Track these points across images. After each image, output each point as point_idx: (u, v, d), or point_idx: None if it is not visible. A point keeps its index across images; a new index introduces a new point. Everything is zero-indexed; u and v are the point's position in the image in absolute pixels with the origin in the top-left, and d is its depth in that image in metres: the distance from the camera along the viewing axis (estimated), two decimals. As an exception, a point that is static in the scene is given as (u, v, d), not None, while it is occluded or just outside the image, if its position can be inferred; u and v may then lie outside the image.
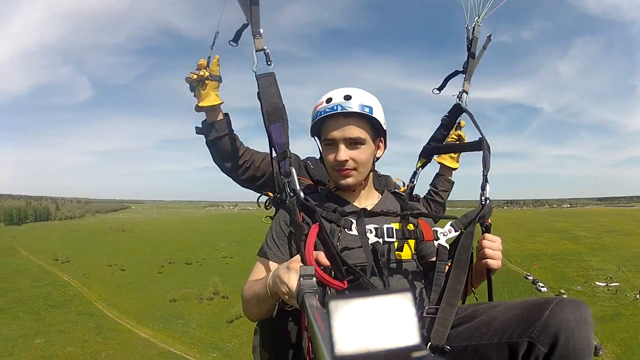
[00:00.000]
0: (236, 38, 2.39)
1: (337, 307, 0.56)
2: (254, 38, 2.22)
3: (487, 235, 2.07)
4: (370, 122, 2.06)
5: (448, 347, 1.72)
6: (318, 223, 1.80)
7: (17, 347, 66.69)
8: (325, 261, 1.72)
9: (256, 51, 2.21)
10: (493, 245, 2.03)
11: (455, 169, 3.16)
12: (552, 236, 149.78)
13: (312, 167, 2.74)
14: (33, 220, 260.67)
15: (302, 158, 2.83)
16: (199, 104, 2.36)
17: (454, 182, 3.15)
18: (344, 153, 2.03)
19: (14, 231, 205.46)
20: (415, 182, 2.80)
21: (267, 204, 2.41)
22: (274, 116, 2.15)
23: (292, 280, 1.55)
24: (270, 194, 2.43)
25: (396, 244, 2.03)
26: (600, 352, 55.90)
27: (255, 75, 2.19)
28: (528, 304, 1.70)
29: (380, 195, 2.29)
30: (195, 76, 2.29)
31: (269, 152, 2.29)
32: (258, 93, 2.18)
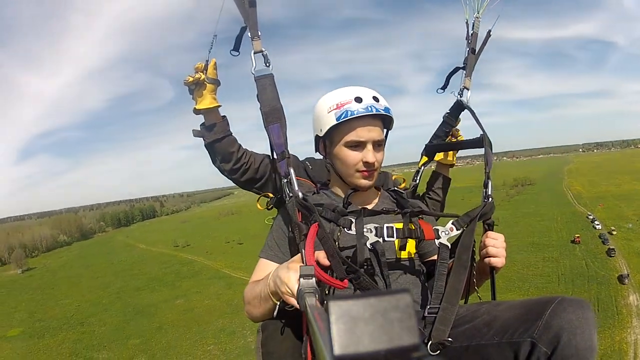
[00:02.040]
0: (237, 46, 2.47)
1: (336, 307, 0.58)
2: (252, 40, 2.33)
3: (489, 233, 2.17)
4: (385, 125, 2.25)
5: (450, 339, 1.79)
6: (317, 222, 1.86)
7: (160, 308, 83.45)
8: (325, 261, 1.79)
9: (254, 53, 2.32)
10: (496, 243, 2.11)
11: (452, 165, 3.16)
12: (626, 177, 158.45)
13: (310, 167, 2.82)
14: (140, 220, 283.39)
15: (301, 159, 2.94)
16: (196, 107, 2.41)
17: (450, 179, 3.14)
18: (372, 155, 2.15)
19: (125, 232, 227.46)
20: (418, 181, 2.97)
21: (268, 205, 2.51)
22: (272, 117, 2.26)
23: (292, 280, 1.61)
24: (271, 195, 2.55)
25: (397, 243, 2.11)
26: (626, 281, 61.72)
27: (254, 78, 2.30)
28: (530, 302, 1.76)
29: (379, 193, 2.42)
30: (191, 79, 2.31)
31: (267, 153, 2.49)
32: (257, 95, 2.30)
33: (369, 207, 2.27)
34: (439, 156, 3.11)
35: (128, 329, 75.59)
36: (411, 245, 2.15)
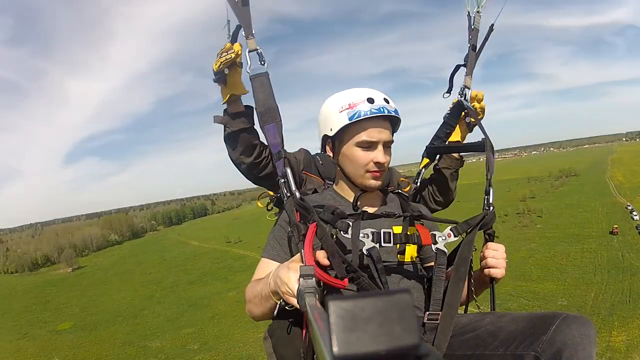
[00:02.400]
0: (233, 41, 2.37)
1: (336, 307, 0.58)
2: (246, 39, 2.29)
3: (490, 244, 2.17)
4: (392, 126, 2.26)
5: (444, 352, 1.85)
6: (316, 222, 1.87)
7: (213, 300, 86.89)
8: (325, 261, 1.80)
9: (249, 51, 2.28)
10: (496, 255, 2.12)
11: (462, 163, 3.03)
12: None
13: (321, 163, 2.78)
14: (192, 218, 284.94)
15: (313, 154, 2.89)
16: (234, 92, 2.32)
17: (462, 159, 2.95)
18: (383, 155, 2.17)
19: (177, 230, 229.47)
20: (418, 183, 2.87)
21: (268, 205, 2.52)
22: (268, 117, 2.26)
23: (292, 280, 1.62)
24: (271, 193, 2.55)
25: (398, 247, 2.11)
26: None
27: (250, 76, 2.27)
28: (535, 317, 1.79)
29: (383, 196, 2.40)
30: (232, 55, 2.18)
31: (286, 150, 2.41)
32: (253, 94, 2.29)
33: (374, 209, 2.26)
34: (453, 136, 2.96)
35: (181, 320, 76.10)
36: (412, 249, 2.12)
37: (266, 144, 2.47)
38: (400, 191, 2.47)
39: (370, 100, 2.11)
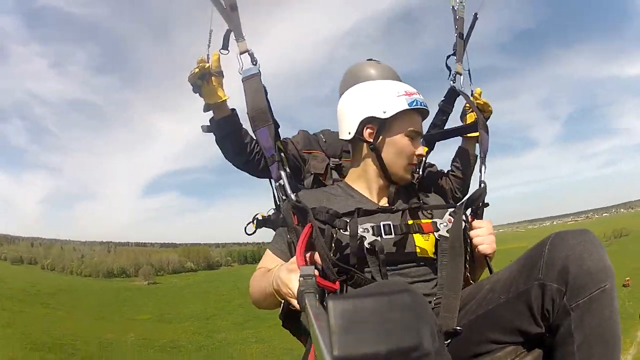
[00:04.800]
0: (225, 45, 2.49)
1: (336, 306, 0.63)
2: (237, 42, 2.44)
3: (475, 222, 2.24)
4: None
5: (459, 328, 1.80)
6: (311, 223, 1.94)
7: (274, 314, 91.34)
8: (319, 261, 1.87)
9: (240, 54, 2.43)
10: (481, 231, 2.18)
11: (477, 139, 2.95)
12: None
13: (324, 140, 2.93)
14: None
15: (315, 132, 3.03)
16: (207, 102, 2.44)
17: (477, 156, 2.92)
18: (422, 148, 2.38)
19: (251, 268, 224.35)
20: (420, 172, 2.84)
21: (256, 228, 2.49)
22: (259, 121, 2.38)
23: (292, 281, 1.70)
24: (261, 216, 2.56)
25: (415, 237, 2.22)
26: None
27: (242, 79, 2.43)
28: (526, 252, 1.79)
29: (393, 188, 2.40)
30: (197, 70, 2.29)
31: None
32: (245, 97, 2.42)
33: (382, 203, 2.38)
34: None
35: (245, 324, 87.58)
36: (418, 239, 2.22)
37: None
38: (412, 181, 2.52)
39: (418, 94, 2.28)
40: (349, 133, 2.34)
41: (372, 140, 2.29)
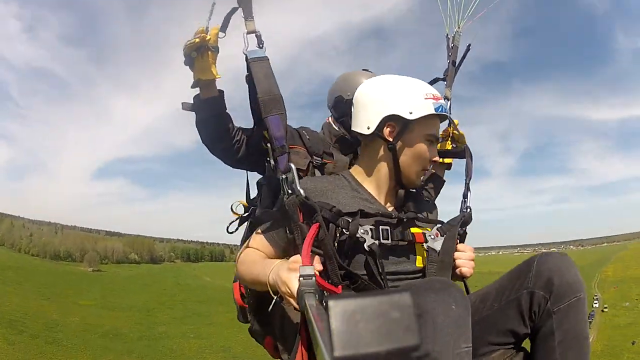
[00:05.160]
0: (224, 26, 2.38)
1: (336, 307, 0.64)
2: (245, 20, 2.28)
3: (459, 245, 2.33)
4: None
5: None
6: (318, 224, 1.91)
7: (213, 313, 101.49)
8: (319, 266, 1.83)
9: (247, 33, 2.26)
10: (464, 255, 2.29)
11: (449, 167, 3.17)
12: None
13: (307, 137, 2.74)
14: (209, 260, 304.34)
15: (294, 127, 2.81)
16: (200, 77, 2.32)
17: (444, 181, 3.10)
18: (437, 155, 2.36)
19: (193, 266, 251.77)
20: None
21: (238, 225, 2.68)
22: (272, 107, 2.17)
23: (292, 281, 1.68)
24: (238, 215, 2.70)
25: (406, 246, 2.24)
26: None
27: (246, 58, 2.23)
28: (515, 268, 2.09)
29: (402, 192, 2.37)
30: (197, 40, 2.19)
31: (252, 128, 2.54)
32: (247, 77, 2.26)
33: (390, 208, 2.34)
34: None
35: (185, 320, 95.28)
36: (416, 248, 2.25)
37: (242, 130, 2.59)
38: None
39: (438, 98, 2.22)
40: (368, 128, 2.24)
41: (391, 140, 2.22)
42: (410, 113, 2.15)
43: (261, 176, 2.76)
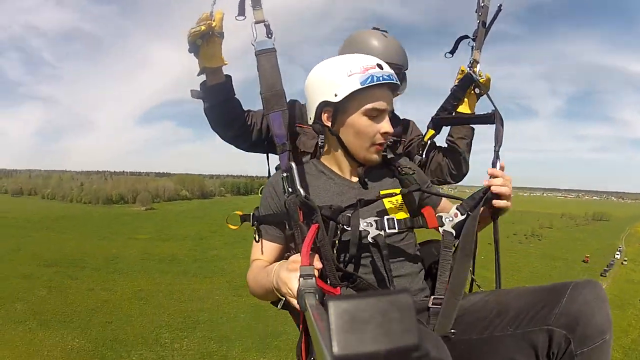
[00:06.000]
0: (241, 10, 2.30)
1: (336, 307, 0.64)
2: (253, 9, 2.23)
3: (491, 170, 2.19)
4: None
5: (453, 331, 1.88)
6: (317, 224, 1.86)
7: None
8: (318, 264, 1.80)
9: (255, 23, 2.22)
10: (500, 181, 2.13)
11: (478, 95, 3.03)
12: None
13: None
14: (258, 193, 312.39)
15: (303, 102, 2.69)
16: (206, 65, 2.31)
17: (473, 129, 3.03)
18: (389, 125, 2.18)
19: (243, 199, 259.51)
20: (423, 156, 2.94)
21: (241, 222, 2.42)
22: (274, 104, 2.17)
23: (292, 281, 1.68)
24: (240, 213, 2.48)
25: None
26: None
27: (255, 51, 2.20)
28: (543, 290, 1.86)
29: (382, 168, 2.36)
30: (203, 27, 2.14)
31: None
32: (258, 73, 2.21)
33: (373, 184, 2.29)
34: (462, 108, 3.03)
35: (236, 244, 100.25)
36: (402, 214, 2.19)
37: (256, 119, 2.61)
38: (405, 167, 2.42)
39: (380, 66, 2.11)
40: (310, 118, 2.26)
41: (329, 125, 2.21)
42: (335, 95, 2.10)
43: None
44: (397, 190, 2.16)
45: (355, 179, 2.27)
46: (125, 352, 46.76)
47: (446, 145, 3.02)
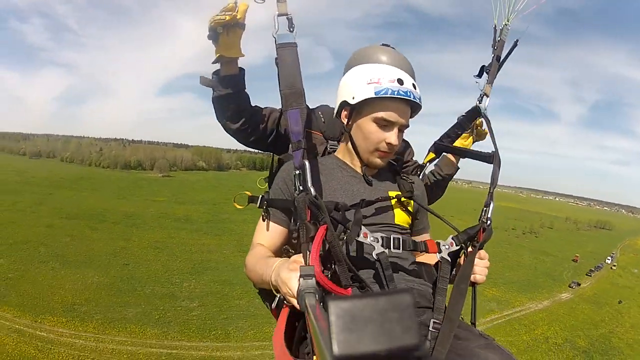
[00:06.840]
0: None
1: (336, 307, 0.64)
2: (277, 2, 2.22)
3: (480, 252, 2.31)
4: (412, 112, 2.39)
5: None
6: (326, 225, 1.86)
7: None
8: (318, 268, 1.75)
9: (278, 15, 2.21)
10: (481, 263, 2.29)
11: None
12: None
13: (323, 120, 2.75)
14: (257, 184, 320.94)
15: (313, 107, 2.81)
16: (224, 54, 2.31)
17: (459, 168, 3.25)
18: (397, 137, 2.31)
19: (258, 174, 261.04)
20: (421, 178, 2.97)
21: (248, 202, 2.52)
22: (293, 101, 2.17)
23: (292, 281, 1.69)
24: (249, 193, 2.52)
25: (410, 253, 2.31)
26: (573, 286, 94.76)
27: (275, 43, 2.20)
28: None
29: (386, 171, 2.55)
30: (228, 17, 2.15)
31: (273, 107, 2.65)
32: (276, 59, 2.21)
33: (376, 181, 2.45)
34: (459, 142, 3.19)
35: (247, 211, 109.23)
36: (402, 215, 2.39)
37: (268, 117, 2.64)
38: (406, 176, 2.61)
39: (400, 82, 2.20)
40: (334, 113, 2.44)
41: (345, 122, 2.36)
42: (353, 98, 2.23)
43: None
44: (394, 194, 2.43)
45: (361, 173, 2.47)
46: (140, 287, 54.55)
47: (433, 177, 3.25)
